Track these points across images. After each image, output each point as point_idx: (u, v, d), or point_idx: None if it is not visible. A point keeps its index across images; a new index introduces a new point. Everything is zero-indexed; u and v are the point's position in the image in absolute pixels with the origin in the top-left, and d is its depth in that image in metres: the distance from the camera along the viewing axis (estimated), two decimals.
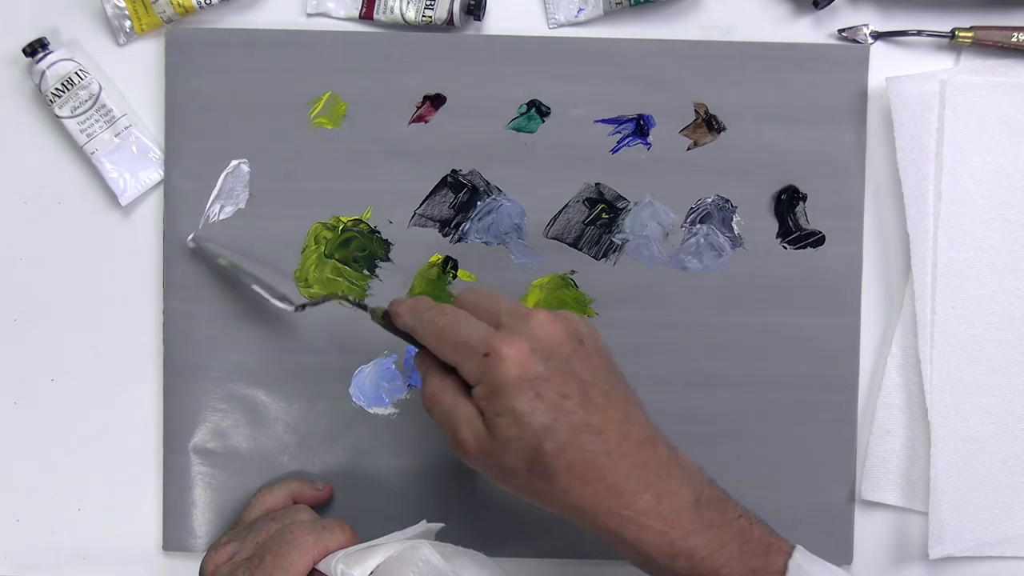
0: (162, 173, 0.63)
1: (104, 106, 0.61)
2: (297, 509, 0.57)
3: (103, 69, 0.63)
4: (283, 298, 0.58)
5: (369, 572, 0.52)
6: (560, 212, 0.62)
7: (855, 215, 0.62)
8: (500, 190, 0.62)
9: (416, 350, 0.53)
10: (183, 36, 0.62)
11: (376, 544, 0.53)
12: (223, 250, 0.61)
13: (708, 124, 0.62)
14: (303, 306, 0.59)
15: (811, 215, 0.62)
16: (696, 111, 0.62)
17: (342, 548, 0.54)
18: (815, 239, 0.62)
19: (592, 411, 0.48)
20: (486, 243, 0.63)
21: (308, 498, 0.60)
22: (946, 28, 0.62)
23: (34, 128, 0.63)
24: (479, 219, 0.62)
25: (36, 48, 0.61)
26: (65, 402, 0.64)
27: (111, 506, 0.64)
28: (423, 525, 0.57)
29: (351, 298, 0.57)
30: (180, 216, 0.62)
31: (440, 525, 0.57)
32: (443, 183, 0.62)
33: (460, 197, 0.62)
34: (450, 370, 0.50)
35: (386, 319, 0.53)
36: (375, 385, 0.62)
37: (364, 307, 0.56)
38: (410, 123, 0.62)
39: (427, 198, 0.62)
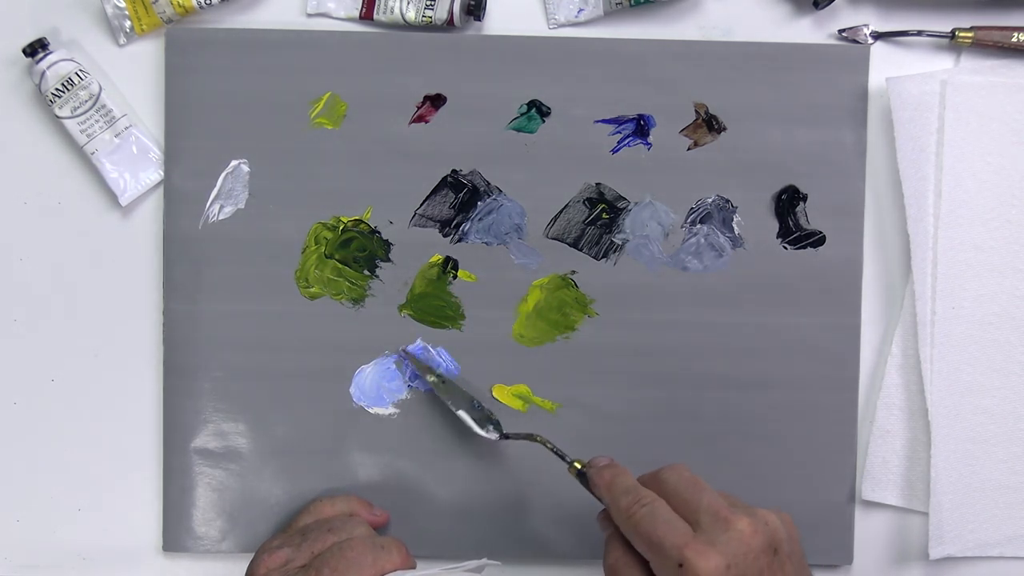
0: (162, 173, 0.63)
1: (104, 106, 0.61)
2: (354, 522, 0.57)
3: (103, 69, 0.63)
4: (486, 426, 0.61)
5: None
6: (560, 212, 0.62)
7: (855, 215, 0.62)
8: (500, 190, 0.62)
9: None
10: (183, 36, 0.62)
11: (433, 574, 0.53)
12: (432, 368, 0.62)
13: (708, 124, 0.62)
14: (505, 436, 0.60)
15: (811, 215, 0.62)
16: (696, 111, 0.62)
17: (397, 569, 0.54)
18: (815, 239, 0.62)
19: None
20: (486, 243, 0.63)
21: (364, 520, 0.59)
22: (946, 28, 0.62)
23: (34, 128, 0.63)
24: (479, 219, 0.62)
25: (36, 48, 0.61)
26: (65, 402, 0.64)
27: (111, 506, 0.64)
28: (483, 561, 0.56)
29: (551, 444, 0.57)
30: (180, 216, 0.62)
31: (497, 563, 0.56)
32: (443, 183, 0.62)
33: (460, 197, 0.62)
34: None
35: (581, 477, 0.54)
36: (376, 385, 0.62)
37: (562, 456, 0.56)
38: (410, 123, 0.62)
39: (427, 198, 0.62)
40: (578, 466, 0.54)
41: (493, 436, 0.61)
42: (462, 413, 0.61)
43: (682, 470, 0.51)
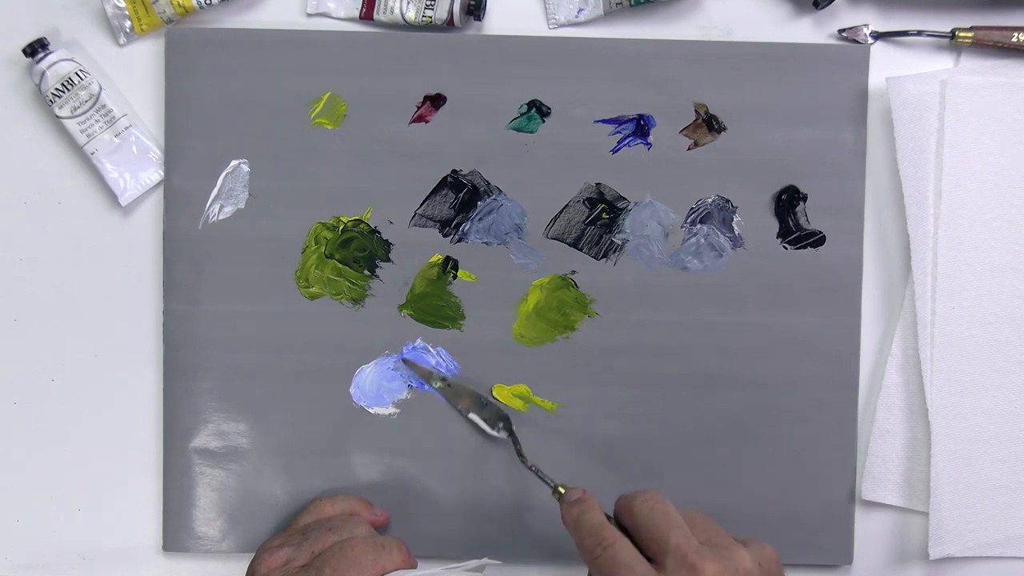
0: (162, 173, 0.63)
1: (104, 106, 0.61)
2: (355, 522, 0.57)
3: (103, 69, 0.63)
4: (496, 425, 0.61)
5: None
6: (560, 212, 0.62)
7: (855, 215, 0.62)
8: (500, 190, 0.62)
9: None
10: (183, 36, 0.62)
11: (433, 573, 0.53)
12: (435, 372, 0.62)
13: (708, 124, 0.62)
14: (512, 436, 0.61)
15: (811, 215, 0.62)
16: (696, 111, 0.62)
17: (398, 569, 0.54)
18: (815, 239, 0.62)
19: None
20: (486, 243, 0.63)
21: (365, 520, 0.59)
22: (946, 28, 0.62)
23: (34, 128, 0.63)
24: (479, 219, 0.62)
25: (36, 48, 0.61)
26: (65, 402, 0.64)
27: (111, 506, 0.64)
28: (483, 561, 0.56)
29: (540, 471, 0.57)
30: (180, 216, 0.62)
31: (498, 563, 0.56)
32: (443, 183, 0.62)
33: (460, 197, 0.62)
34: None
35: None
36: (376, 385, 0.62)
37: (550, 483, 0.55)
38: (410, 123, 0.62)
39: (427, 198, 0.62)
40: (561, 491, 0.54)
41: (503, 435, 0.61)
42: (473, 415, 0.61)
43: (655, 501, 0.49)
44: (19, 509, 0.64)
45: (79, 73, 0.61)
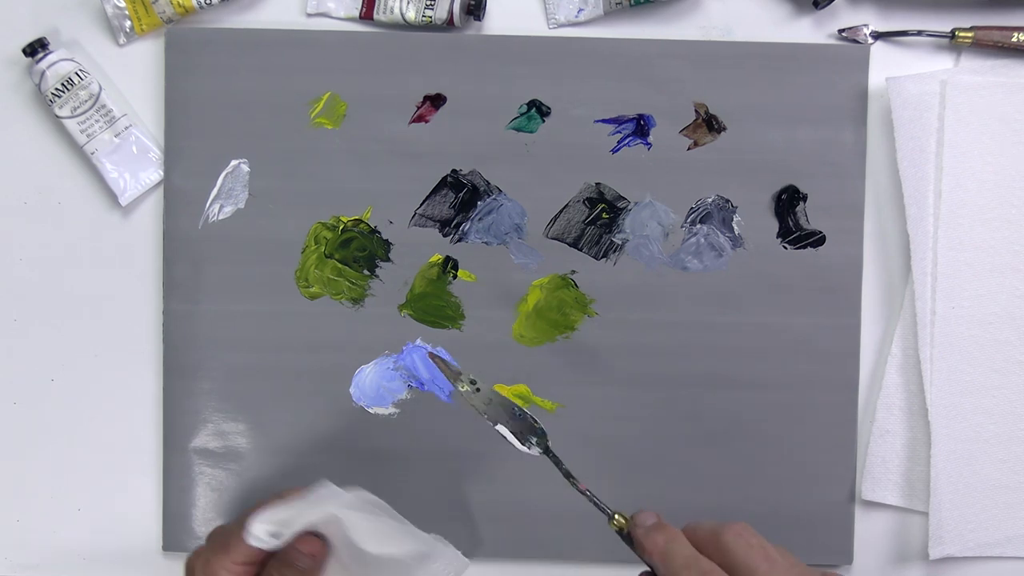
0: (162, 173, 0.63)
1: (104, 106, 0.61)
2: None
3: (103, 69, 0.63)
4: (527, 440, 0.55)
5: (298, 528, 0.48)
6: (560, 212, 0.62)
7: (855, 215, 0.62)
8: (500, 190, 0.62)
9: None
10: (183, 36, 0.62)
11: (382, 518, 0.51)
12: (464, 373, 0.57)
13: (708, 124, 0.62)
14: (548, 453, 0.54)
15: (811, 215, 0.62)
16: (696, 111, 0.62)
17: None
18: (815, 239, 0.62)
19: None
20: (486, 243, 0.63)
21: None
22: (946, 28, 0.62)
23: (34, 128, 0.63)
24: (479, 219, 0.62)
25: (36, 48, 0.61)
26: (65, 402, 0.64)
27: (111, 506, 0.64)
28: (436, 536, 0.53)
29: (593, 496, 0.51)
30: (180, 216, 0.62)
31: (459, 554, 0.53)
32: (443, 183, 0.62)
33: (460, 197, 0.62)
34: None
35: (624, 534, 0.49)
36: (376, 385, 0.62)
37: (605, 510, 0.50)
38: (410, 123, 0.62)
39: (427, 198, 0.62)
40: (622, 521, 0.49)
41: (535, 452, 0.55)
42: (501, 427, 0.55)
43: (749, 536, 0.46)
44: (19, 509, 0.64)
45: (79, 73, 0.61)
